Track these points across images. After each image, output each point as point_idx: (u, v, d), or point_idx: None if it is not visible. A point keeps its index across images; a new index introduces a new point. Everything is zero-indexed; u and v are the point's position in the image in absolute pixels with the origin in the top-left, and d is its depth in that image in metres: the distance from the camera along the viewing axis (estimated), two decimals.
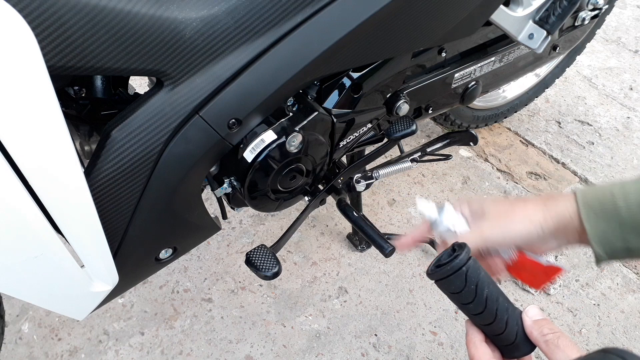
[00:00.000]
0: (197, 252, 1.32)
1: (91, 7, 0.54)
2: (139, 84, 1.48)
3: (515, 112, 1.67)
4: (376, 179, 1.07)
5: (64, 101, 0.81)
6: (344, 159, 1.09)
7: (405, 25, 0.79)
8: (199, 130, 0.68)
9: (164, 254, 0.83)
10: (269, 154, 0.78)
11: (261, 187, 0.84)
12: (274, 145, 0.78)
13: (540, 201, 0.57)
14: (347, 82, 0.86)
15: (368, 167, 1.10)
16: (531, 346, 0.51)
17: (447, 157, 1.19)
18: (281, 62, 0.70)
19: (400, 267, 1.32)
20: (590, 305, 1.27)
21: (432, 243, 1.35)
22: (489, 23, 0.93)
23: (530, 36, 0.96)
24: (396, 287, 1.29)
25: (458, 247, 0.52)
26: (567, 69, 1.65)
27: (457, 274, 0.50)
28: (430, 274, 0.52)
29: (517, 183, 1.55)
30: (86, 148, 0.82)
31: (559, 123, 1.77)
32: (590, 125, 1.77)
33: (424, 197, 1.48)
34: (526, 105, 1.68)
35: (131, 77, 0.87)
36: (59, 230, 0.61)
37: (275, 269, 0.90)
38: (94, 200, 0.61)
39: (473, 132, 1.20)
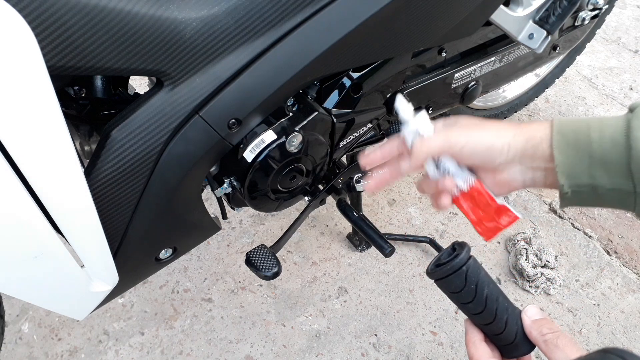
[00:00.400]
0: (197, 252, 1.32)
1: (91, 7, 0.54)
2: (139, 84, 1.48)
3: (515, 112, 1.67)
4: None
5: (64, 101, 0.81)
6: (344, 159, 1.09)
7: (405, 25, 0.79)
8: (199, 130, 0.68)
9: (164, 254, 0.83)
10: (269, 154, 0.78)
11: (261, 187, 0.84)
12: (274, 145, 0.78)
13: (515, 124, 0.55)
14: (347, 82, 0.86)
15: None
16: (530, 346, 0.51)
17: None
18: (281, 62, 0.70)
19: (400, 267, 1.32)
20: (590, 305, 1.27)
21: (432, 242, 1.35)
22: (489, 23, 0.93)
23: (530, 36, 0.96)
24: (396, 287, 1.29)
25: (458, 247, 0.51)
26: (567, 69, 1.65)
27: (457, 274, 0.50)
28: (430, 273, 0.52)
29: None
30: (86, 148, 0.82)
31: None
32: None
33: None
34: (526, 105, 1.67)
35: (131, 77, 0.87)
36: (59, 230, 0.61)
37: (275, 269, 0.90)
38: (94, 200, 0.61)
39: None
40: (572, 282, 1.32)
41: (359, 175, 1.07)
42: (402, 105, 0.60)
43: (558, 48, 1.23)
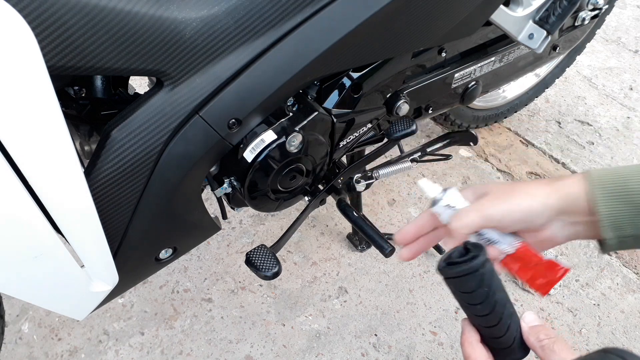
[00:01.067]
0: (197, 252, 1.32)
1: (91, 7, 0.54)
2: (139, 84, 1.48)
3: (515, 112, 1.67)
4: (376, 179, 1.07)
5: (64, 101, 0.81)
6: (344, 159, 1.09)
7: (405, 25, 0.79)
8: (199, 130, 0.68)
9: (164, 254, 0.83)
10: (269, 154, 0.78)
11: (261, 187, 0.84)
12: (274, 145, 0.78)
13: (546, 180, 0.55)
14: (347, 82, 0.86)
15: (368, 167, 1.10)
16: (525, 352, 0.51)
17: (447, 157, 1.19)
18: (281, 62, 0.70)
19: (400, 267, 1.32)
20: (590, 305, 1.27)
21: (436, 247, 1.34)
22: (489, 23, 0.93)
23: (530, 36, 0.96)
24: (396, 287, 1.29)
25: (473, 247, 0.50)
26: (567, 69, 1.65)
27: (473, 275, 0.49)
28: (442, 270, 0.51)
29: None
30: (86, 148, 0.82)
31: (559, 123, 1.77)
32: (590, 125, 1.77)
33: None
34: (526, 105, 1.68)
35: (131, 77, 0.87)
36: (59, 230, 0.61)
37: (275, 269, 0.90)
38: (94, 200, 0.61)
39: (473, 132, 1.20)
40: (572, 282, 1.32)
41: (359, 175, 1.07)
42: (428, 186, 0.60)
43: (558, 48, 1.23)
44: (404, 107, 0.95)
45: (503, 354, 0.51)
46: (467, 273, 0.49)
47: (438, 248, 1.34)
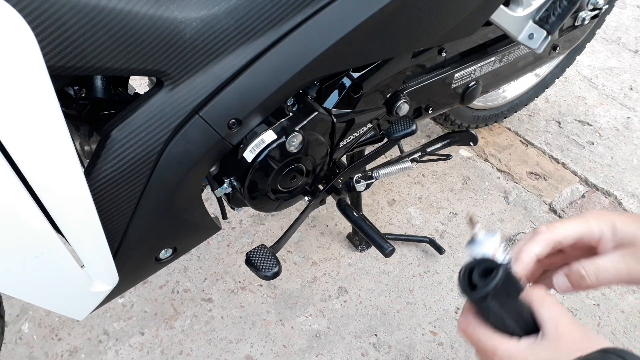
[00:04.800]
0: (197, 252, 1.32)
1: (91, 7, 0.54)
2: (139, 84, 1.48)
3: (515, 112, 1.67)
4: (376, 179, 1.07)
5: (64, 101, 0.81)
6: (344, 159, 1.09)
7: (405, 25, 0.79)
8: (199, 130, 0.68)
9: (164, 254, 0.83)
10: (269, 154, 0.78)
11: (261, 187, 0.84)
12: (274, 145, 0.78)
13: None
14: (347, 82, 0.86)
15: (368, 167, 1.10)
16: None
17: (447, 157, 1.19)
18: (281, 62, 0.70)
19: (400, 267, 1.32)
20: (590, 305, 1.27)
21: (432, 242, 1.35)
22: (489, 23, 0.93)
23: (530, 36, 0.96)
24: (396, 287, 1.29)
25: (495, 272, 0.46)
26: (567, 69, 1.65)
27: (480, 306, 0.48)
28: (460, 286, 0.48)
29: (517, 183, 1.55)
30: (86, 148, 0.82)
31: (559, 123, 1.77)
32: (590, 125, 1.77)
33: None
34: (526, 105, 1.67)
35: (131, 77, 0.87)
36: (59, 230, 0.61)
37: (275, 269, 0.90)
38: (94, 200, 0.61)
39: (473, 132, 1.20)
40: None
41: (359, 175, 1.07)
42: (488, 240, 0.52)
43: (558, 48, 1.23)
44: (404, 107, 0.95)
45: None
46: (476, 302, 0.48)
47: (438, 248, 1.34)
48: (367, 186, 1.08)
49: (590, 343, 0.44)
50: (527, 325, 0.49)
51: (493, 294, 0.46)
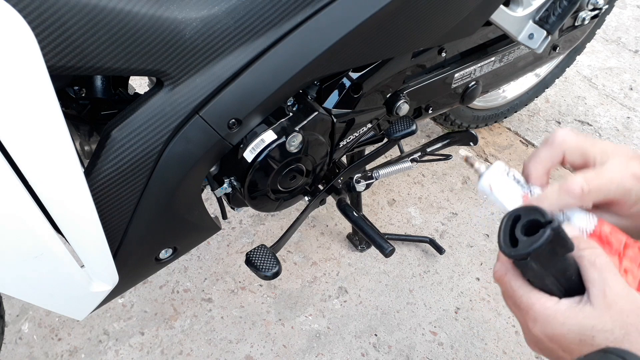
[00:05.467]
0: (197, 252, 1.32)
1: (91, 7, 0.54)
2: (139, 84, 1.48)
3: (515, 112, 1.67)
4: (376, 179, 1.07)
5: (64, 101, 0.81)
6: (344, 159, 1.09)
7: (405, 25, 0.79)
8: (199, 130, 0.68)
9: (164, 254, 0.83)
10: (269, 154, 0.78)
11: (261, 187, 0.84)
12: (274, 145, 0.78)
13: None
14: (347, 82, 0.86)
15: (368, 167, 1.10)
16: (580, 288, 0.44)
17: (447, 157, 1.19)
18: (281, 62, 0.70)
19: (400, 267, 1.32)
20: None
21: (432, 242, 1.35)
22: (489, 23, 0.93)
23: (530, 36, 0.96)
24: (396, 287, 1.29)
25: (542, 231, 0.41)
26: (567, 69, 1.65)
27: (519, 263, 0.43)
28: (502, 244, 0.43)
29: None
30: (86, 148, 0.82)
31: (559, 123, 1.77)
32: (590, 125, 1.77)
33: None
34: (526, 105, 1.67)
35: (131, 77, 0.87)
36: (59, 230, 0.61)
37: (275, 269, 0.90)
38: (94, 200, 0.61)
39: (473, 132, 1.20)
40: None
41: (359, 175, 1.07)
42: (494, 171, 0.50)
43: (558, 48, 1.23)
44: (404, 107, 0.95)
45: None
46: (516, 259, 0.43)
47: (438, 248, 1.34)
48: (367, 186, 1.08)
49: (638, 319, 0.39)
50: (571, 284, 0.43)
51: (535, 255, 0.41)
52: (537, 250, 0.40)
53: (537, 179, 0.50)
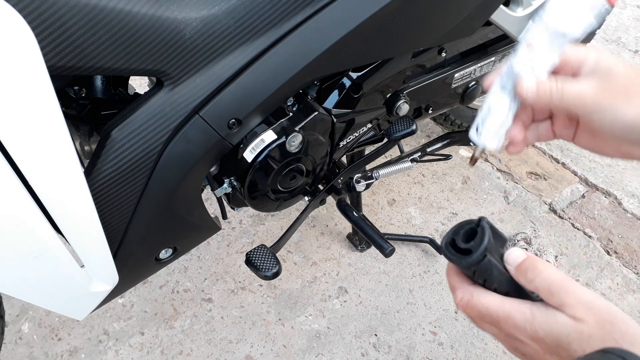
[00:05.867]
0: (197, 252, 1.32)
1: (91, 7, 0.54)
2: (139, 84, 1.48)
3: None
4: (376, 179, 1.07)
5: (64, 101, 0.81)
6: (344, 159, 1.09)
7: (405, 25, 0.79)
8: (199, 130, 0.68)
9: (164, 254, 0.83)
10: (269, 154, 0.78)
11: (261, 187, 0.84)
12: (274, 145, 0.78)
13: None
14: (347, 82, 0.86)
15: (368, 167, 1.10)
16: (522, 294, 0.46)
17: (447, 157, 1.19)
18: (281, 62, 0.70)
19: (400, 267, 1.32)
20: None
21: (432, 242, 1.35)
22: (489, 23, 0.93)
23: None
24: (396, 287, 1.29)
25: (480, 231, 0.45)
26: None
27: (467, 269, 0.45)
28: (445, 249, 0.45)
29: (517, 183, 1.55)
30: (86, 148, 0.82)
31: None
32: None
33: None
34: None
35: (131, 77, 0.87)
36: (59, 230, 0.61)
37: (275, 269, 0.90)
38: (94, 200, 0.61)
39: None
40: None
41: (359, 175, 1.07)
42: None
43: None
44: (404, 107, 0.95)
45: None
46: (478, 261, 0.44)
47: (438, 248, 1.34)
48: (367, 186, 1.08)
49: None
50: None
51: (490, 249, 0.43)
52: (489, 240, 0.43)
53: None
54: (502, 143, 0.50)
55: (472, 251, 0.44)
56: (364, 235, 1.02)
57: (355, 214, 1.04)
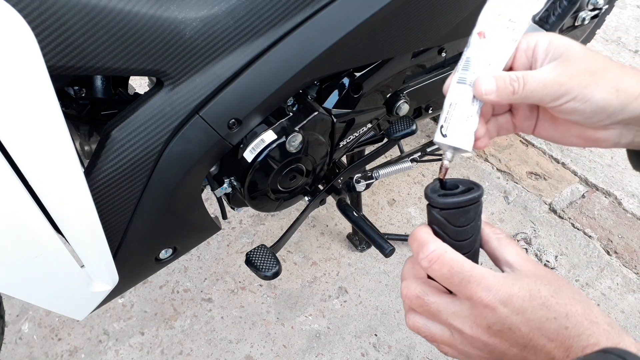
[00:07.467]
0: (197, 252, 1.32)
1: (91, 7, 0.54)
2: (139, 84, 1.48)
3: None
4: (376, 179, 1.07)
5: (64, 101, 0.81)
6: (344, 159, 1.09)
7: (405, 25, 0.79)
8: (199, 130, 0.68)
9: (164, 254, 0.83)
10: (269, 154, 0.78)
11: (261, 187, 0.84)
12: (274, 145, 0.78)
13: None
14: (347, 82, 0.86)
15: (368, 167, 1.10)
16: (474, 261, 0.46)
17: None
18: (281, 62, 0.70)
19: (400, 267, 1.32)
20: None
21: None
22: None
23: None
24: (396, 287, 1.28)
25: (466, 184, 0.45)
26: None
27: (474, 206, 0.44)
28: (437, 201, 0.44)
29: (517, 183, 1.55)
30: (86, 148, 0.82)
31: None
32: None
33: None
34: None
35: (131, 77, 0.87)
36: (59, 230, 0.61)
37: (275, 269, 0.90)
38: (94, 200, 0.61)
39: None
40: (572, 282, 1.31)
41: (359, 175, 1.07)
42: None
43: None
44: (404, 107, 0.95)
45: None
46: (468, 204, 0.44)
47: None
48: (367, 186, 1.08)
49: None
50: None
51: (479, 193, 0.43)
52: (472, 182, 0.45)
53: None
54: (472, 141, 0.48)
55: (472, 189, 0.43)
56: (364, 235, 1.02)
57: (355, 214, 1.04)
